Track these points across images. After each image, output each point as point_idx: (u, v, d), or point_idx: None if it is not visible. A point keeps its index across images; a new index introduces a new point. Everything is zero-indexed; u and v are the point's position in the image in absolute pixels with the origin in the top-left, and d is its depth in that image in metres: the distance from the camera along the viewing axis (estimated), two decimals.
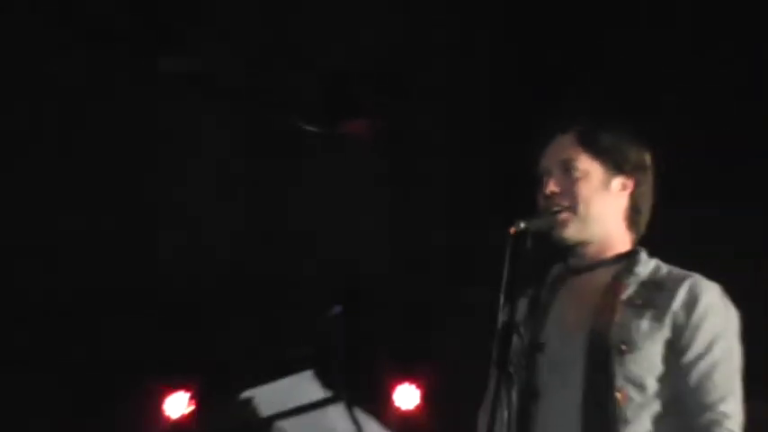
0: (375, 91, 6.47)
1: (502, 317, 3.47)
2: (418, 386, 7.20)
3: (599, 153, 3.72)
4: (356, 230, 7.03)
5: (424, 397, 7.16)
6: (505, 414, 3.45)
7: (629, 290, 3.62)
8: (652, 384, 3.53)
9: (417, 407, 7.15)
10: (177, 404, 7.59)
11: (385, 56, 6.53)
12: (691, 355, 3.54)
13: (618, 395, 3.50)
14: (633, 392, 3.51)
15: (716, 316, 3.57)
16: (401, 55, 6.54)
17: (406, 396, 7.18)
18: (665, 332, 3.55)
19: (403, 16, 6.48)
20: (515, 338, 3.51)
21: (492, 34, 6.56)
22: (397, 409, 7.08)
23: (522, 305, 3.63)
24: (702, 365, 3.53)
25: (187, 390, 7.59)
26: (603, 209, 3.71)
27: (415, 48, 6.57)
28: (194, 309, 7.27)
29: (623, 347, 3.52)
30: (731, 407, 3.51)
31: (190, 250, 7.15)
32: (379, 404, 5.64)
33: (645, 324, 3.55)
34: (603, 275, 3.68)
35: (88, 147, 6.83)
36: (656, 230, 3.72)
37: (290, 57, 6.40)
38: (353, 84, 6.43)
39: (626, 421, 3.49)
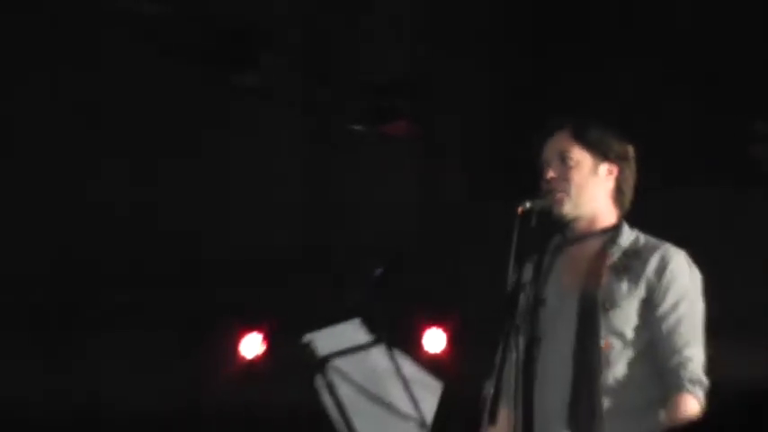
0: (408, 97, 6.47)
1: (512, 279, 3.52)
2: (445, 331, 7.16)
3: (588, 145, 3.71)
4: (391, 206, 7.04)
5: (450, 341, 7.12)
6: (514, 356, 3.51)
7: (613, 257, 3.63)
8: (630, 334, 3.56)
9: (444, 350, 7.11)
10: (251, 345, 7.59)
11: (414, 65, 6.54)
12: (661, 311, 3.56)
13: (603, 343, 3.54)
14: (615, 341, 3.55)
15: (681, 279, 3.59)
16: (426, 65, 6.54)
17: (435, 340, 7.14)
18: (641, 292, 3.57)
19: (425, 31, 6.47)
20: (522, 296, 3.55)
21: (500, 47, 6.54)
22: (426, 351, 7.04)
23: (528, 269, 3.64)
24: (671, 319, 3.56)
25: (260, 332, 7.58)
26: (593, 190, 3.70)
27: (437, 59, 6.57)
28: (269, 267, 7.29)
29: (607, 305, 3.55)
30: (694, 351, 3.54)
31: (269, 224, 7.18)
32: (410, 347, 5.61)
33: (624, 286, 3.58)
34: (593, 245, 3.68)
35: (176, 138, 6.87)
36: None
37: (340, 70, 6.42)
38: (391, 93, 6.44)
39: (609, 363, 3.53)
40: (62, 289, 7.32)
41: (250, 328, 7.57)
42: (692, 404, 3.49)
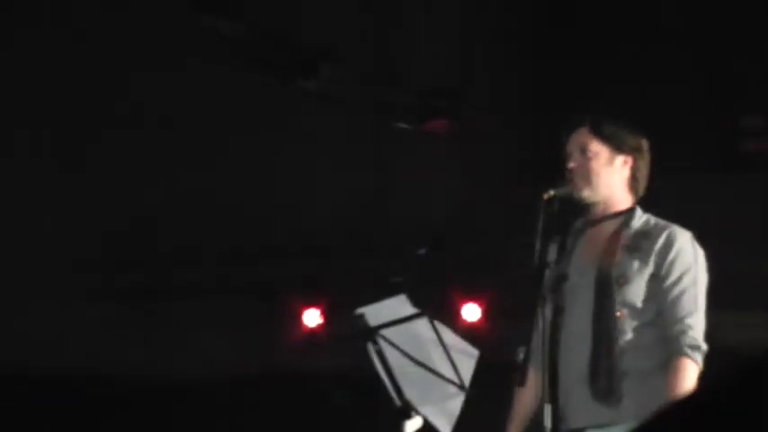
0: (448, 98, 6.47)
1: (538, 257, 3.53)
2: (480, 305, 7.14)
3: (605, 139, 3.70)
4: (435, 195, 7.04)
5: (485, 313, 7.10)
6: (541, 325, 3.53)
7: (626, 238, 3.62)
8: (640, 305, 3.56)
9: (479, 320, 7.10)
10: (313, 317, 7.60)
11: (454, 69, 6.55)
12: (667, 284, 3.56)
13: (617, 313, 3.54)
14: (627, 311, 3.55)
15: (685, 256, 3.58)
16: (465, 69, 6.54)
17: (471, 312, 7.12)
18: (650, 269, 3.57)
19: (462, 38, 6.46)
20: (547, 272, 3.57)
21: (528, 49, 6.51)
22: (464, 321, 7.02)
23: (553, 248, 3.63)
24: (675, 291, 3.55)
25: (319, 307, 7.59)
26: (609, 179, 3.69)
27: (475, 63, 6.55)
28: (327, 251, 7.31)
29: (621, 281, 3.56)
30: (695, 320, 3.54)
31: (329, 214, 7.20)
32: (450, 319, 5.57)
33: (636, 264, 3.58)
34: (609, 227, 3.67)
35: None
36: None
37: (389, 75, 6.44)
38: (433, 94, 6.45)
39: (622, 331, 3.54)
40: (151, 264, 7.37)
41: (311, 304, 7.59)
42: (692, 368, 3.48)
